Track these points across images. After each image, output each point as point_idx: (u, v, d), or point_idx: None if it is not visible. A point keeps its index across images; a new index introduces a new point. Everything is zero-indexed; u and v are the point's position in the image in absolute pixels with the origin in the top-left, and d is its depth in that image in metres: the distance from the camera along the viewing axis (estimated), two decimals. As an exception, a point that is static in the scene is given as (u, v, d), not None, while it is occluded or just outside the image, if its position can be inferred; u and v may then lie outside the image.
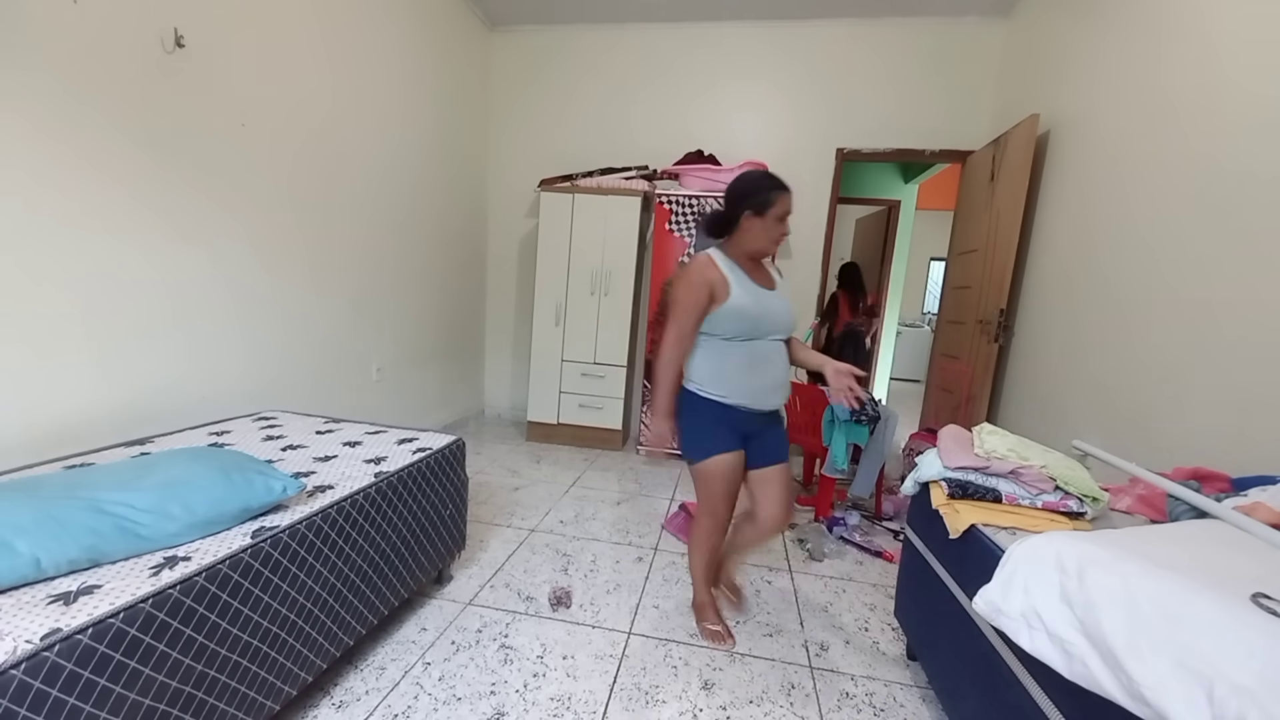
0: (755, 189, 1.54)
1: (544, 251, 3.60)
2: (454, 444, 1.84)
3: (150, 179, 1.79)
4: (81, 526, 0.97)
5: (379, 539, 1.49)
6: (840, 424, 2.50)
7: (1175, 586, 0.76)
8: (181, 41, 1.82)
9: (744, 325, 1.53)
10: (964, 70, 3.35)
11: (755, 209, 1.52)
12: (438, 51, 3.31)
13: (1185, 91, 1.88)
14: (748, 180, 1.57)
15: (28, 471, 1.35)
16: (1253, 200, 1.60)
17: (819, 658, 1.70)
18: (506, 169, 4.02)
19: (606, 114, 3.83)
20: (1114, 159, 2.20)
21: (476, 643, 1.67)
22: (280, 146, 2.28)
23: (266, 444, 1.69)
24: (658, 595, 1.99)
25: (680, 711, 1.46)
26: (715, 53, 3.63)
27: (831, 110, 3.55)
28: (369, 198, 2.83)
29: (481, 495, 2.75)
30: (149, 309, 1.83)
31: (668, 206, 3.39)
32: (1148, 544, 0.91)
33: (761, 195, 1.52)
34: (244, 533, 1.16)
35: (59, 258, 1.58)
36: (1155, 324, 1.91)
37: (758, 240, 1.56)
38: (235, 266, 2.12)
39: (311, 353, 2.55)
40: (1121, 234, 2.14)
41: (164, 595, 0.95)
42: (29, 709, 0.77)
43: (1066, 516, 1.20)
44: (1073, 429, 2.22)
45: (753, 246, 1.57)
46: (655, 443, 1.76)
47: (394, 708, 1.40)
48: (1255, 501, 1.11)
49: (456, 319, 3.84)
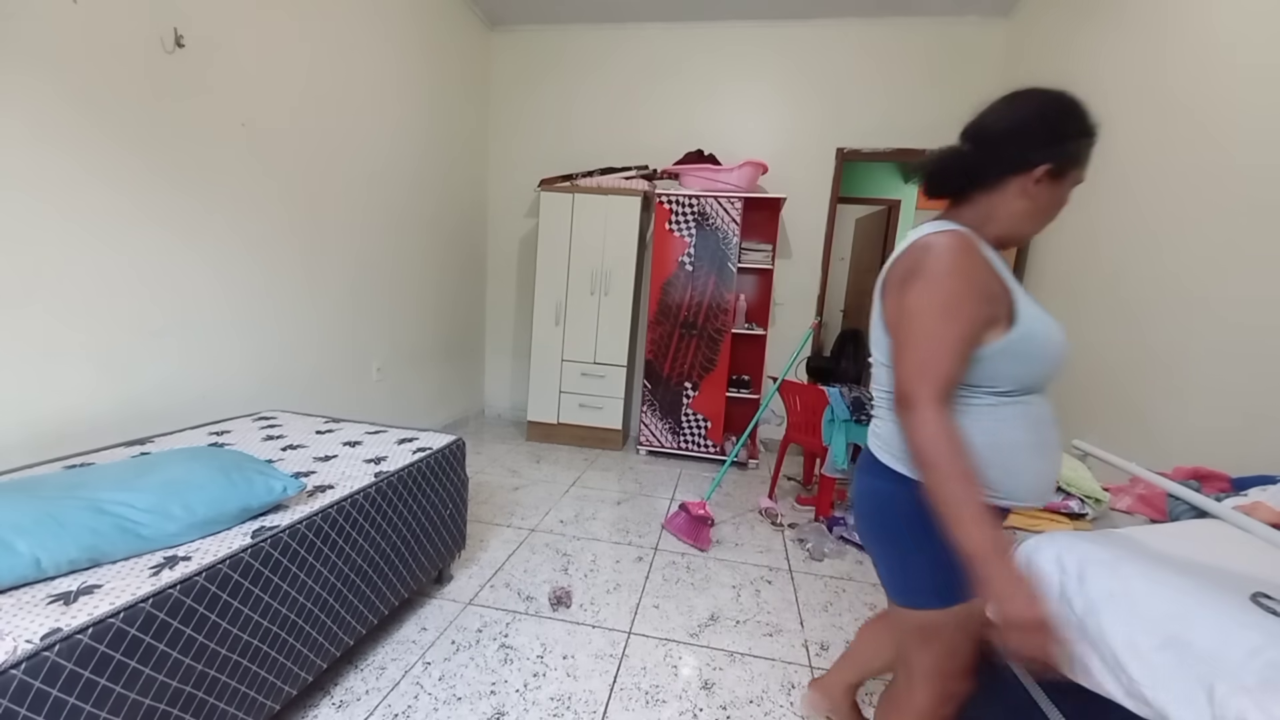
0: (1076, 125, 0.84)
1: (544, 251, 3.59)
2: (454, 444, 1.84)
3: (150, 179, 1.79)
4: (81, 526, 0.97)
5: (379, 539, 1.49)
6: (840, 424, 2.50)
7: (1175, 586, 0.76)
8: (181, 41, 1.82)
9: (1033, 369, 0.86)
10: (964, 70, 3.35)
11: (1062, 163, 0.84)
12: (438, 51, 3.30)
13: (1185, 90, 1.88)
14: (1059, 106, 0.84)
15: (28, 471, 1.35)
16: (1254, 198, 1.60)
17: (819, 657, 1.70)
18: (506, 168, 4.02)
19: (606, 114, 3.82)
20: (1114, 158, 2.20)
21: (477, 642, 1.67)
22: (280, 146, 2.27)
23: (266, 444, 1.69)
24: (658, 595, 1.99)
25: (680, 711, 1.46)
26: (716, 52, 3.63)
27: (831, 110, 3.54)
28: (369, 197, 2.83)
29: (481, 495, 2.75)
30: (149, 309, 1.82)
31: (668, 206, 3.39)
32: (1148, 544, 0.91)
33: (1081, 140, 0.84)
34: (244, 532, 1.16)
35: (59, 257, 1.58)
36: (1155, 323, 1.91)
37: (1034, 219, 0.89)
38: (235, 266, 2.12)
39: (311, 352, 2.55)
40: (1122, 233, 2.14)
41: (164, 595, 0.95)
42: (29, 709, 0.77)
43: (1067, 517, 1.20)
44: (1073, 428, 2.22)
45: (1021, 229, 0.90)
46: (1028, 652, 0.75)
47: (394, 707, 1.40)
48: (1255, 501, 1.11)
49: (456, 318, 3.84)
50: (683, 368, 3.49)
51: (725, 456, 3.46)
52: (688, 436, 3.55)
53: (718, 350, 3.43)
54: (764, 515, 2.72)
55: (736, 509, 2.80)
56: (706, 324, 3.42)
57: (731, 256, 3.34)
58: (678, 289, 3.44)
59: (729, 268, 3.35)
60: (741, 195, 3.29)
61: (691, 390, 3.50)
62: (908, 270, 0.86)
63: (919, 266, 0.84)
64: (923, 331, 0.82)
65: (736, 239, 3.32)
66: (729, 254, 3.35)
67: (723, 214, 3.32)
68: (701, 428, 3.52)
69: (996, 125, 0.88)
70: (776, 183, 3.51)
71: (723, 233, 3.34)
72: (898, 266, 0.89)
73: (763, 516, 2.72)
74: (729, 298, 3.37)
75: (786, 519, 2.69)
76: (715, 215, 3.33)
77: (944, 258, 0.83)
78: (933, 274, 0.82)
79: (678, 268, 3.42)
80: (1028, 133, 0.84)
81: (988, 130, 0.89)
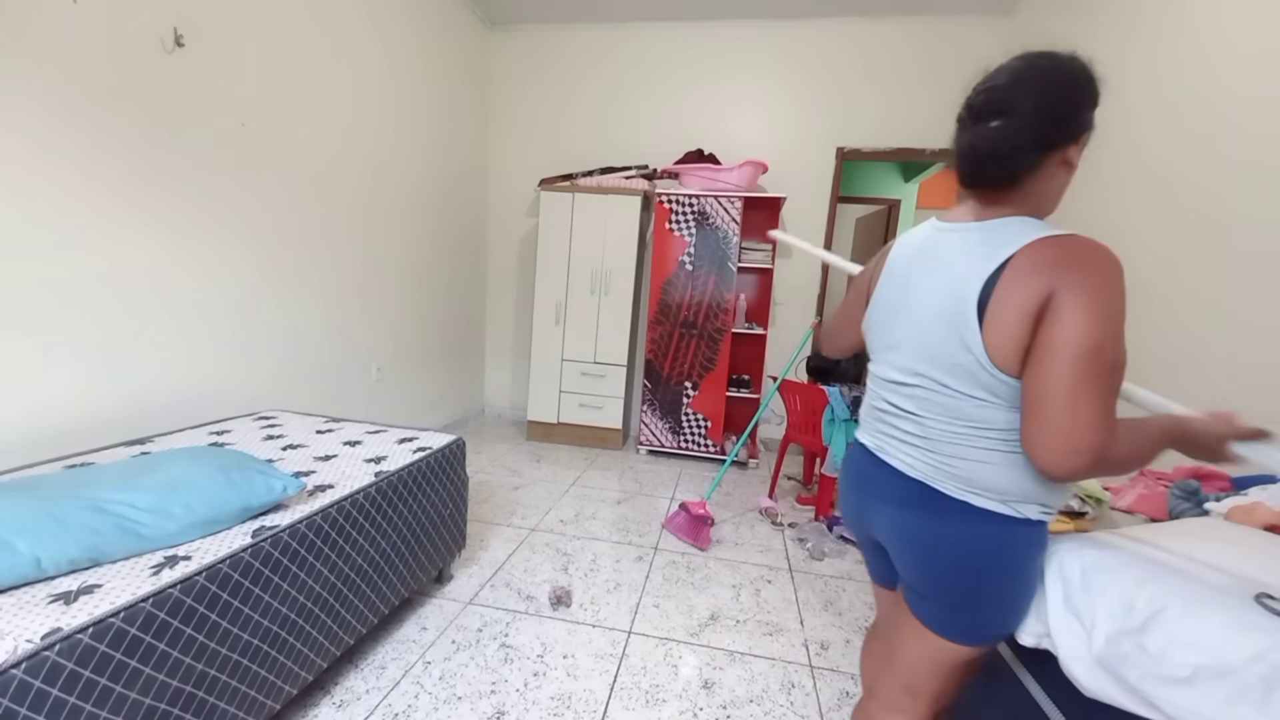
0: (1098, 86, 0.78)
1: (544, 251, 3.59)
2: (454, 443, 1.84)
3: (150, 179, 1.79)
4: (82, 526, 0.97)
5: (379, 538, 1.49)
6: (840, 423, 2.50)
7: (1179, 589, 0.76)
8: (181, 41, 1.81)
9: None
10: (965, 69, 3.27)
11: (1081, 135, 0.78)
12: (437, 51, 3.30)
13: (1186, 89, 1.88)
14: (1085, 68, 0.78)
15: (28, 471, 1.35)
16: (1255, 196, 1.60)
17: (819, 657, 1.70)
18: (506, 168, 4.02)
19: (606, 113, 3.82)
20: (1114, 157, 2.20)
21: (477, 642, 1.67)
22: (280, 146, 2.27)
23: (267, 443, 1.69)
24: (658, 594, 1.99)
25: (680, 711, 1.46)
26: (715, 51, 3.63)
27: (831, 109, 3.54)
28: (368, 196, 2.83)
29: (482, 494, 2.75)
30: (149, 308, 1.82)
31: (668, 206, 3.39)
32: (1149, 545, 0.91)
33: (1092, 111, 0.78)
34: (244, 532, 1.16)
35: (58, 257, 1.58)
36: (1156, 322, 1.91)
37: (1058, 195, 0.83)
38: (235, 266, 2.12)
39: (311, 352, 2.55)
40: (1122, 232, 2.13)
41: (164, 594, 0.95)
42: (29, 709, 0.77)
43: (1068, 516, 1.20)
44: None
45: (1055, 206, 0.84)
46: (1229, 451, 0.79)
47: (394, 707, 1.40)
48: (1255, 501, 1.11)
49: (456, 318, 3.84)
50: (683, 367, 3.49)
51: (725, 456, 3.46)
52: (688, 436, 3.55)
53: (718, 350, 3.43)
54: (764, 515, 2.72)
55: (736, 508, 2.80)
56: (706, 323, 3.42)
57: (731, 256, 3.34)
58: (678, 288, 3.44)
59: (729, 267, 3.35)
60: (741, 195, 3.29)
61: (691, 390, 3.50)
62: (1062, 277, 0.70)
63: (1088, 278, 0.69)
64: (1106, 380, 0.69)
65: (736, 238, 3.32)
66: (729, 253, 3.34)
67: (723, 213, 3.32)
68: (701, 427, 3.52)
69: (1052, 90, 0.76)
70: (776, 182, 3.50)
71: (723, 232, 3.34)
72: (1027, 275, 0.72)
73: (763, 516, 2.72)
74: (729, 297, 3.37)
75: (787, 518, 2.69)
76: (715, 215, 3.33)
77: (1115, 286, 0.69)
78: (1113, 309, 0.69)
79: (678, 267, 3.42)
80: (1077, 98, 0.76)
81: (1035, 100, 0.75)
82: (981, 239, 0.79)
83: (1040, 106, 0.75)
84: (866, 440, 0.99)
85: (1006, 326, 0.73)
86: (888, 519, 0.92)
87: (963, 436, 0.81)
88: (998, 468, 0.79)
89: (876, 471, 0.94)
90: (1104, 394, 0.69)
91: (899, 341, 0.89)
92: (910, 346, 0.87)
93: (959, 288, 0.78)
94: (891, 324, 0.91)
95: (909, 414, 0.88)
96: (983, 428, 0.79)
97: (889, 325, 0.92)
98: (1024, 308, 0.72)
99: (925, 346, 0.84)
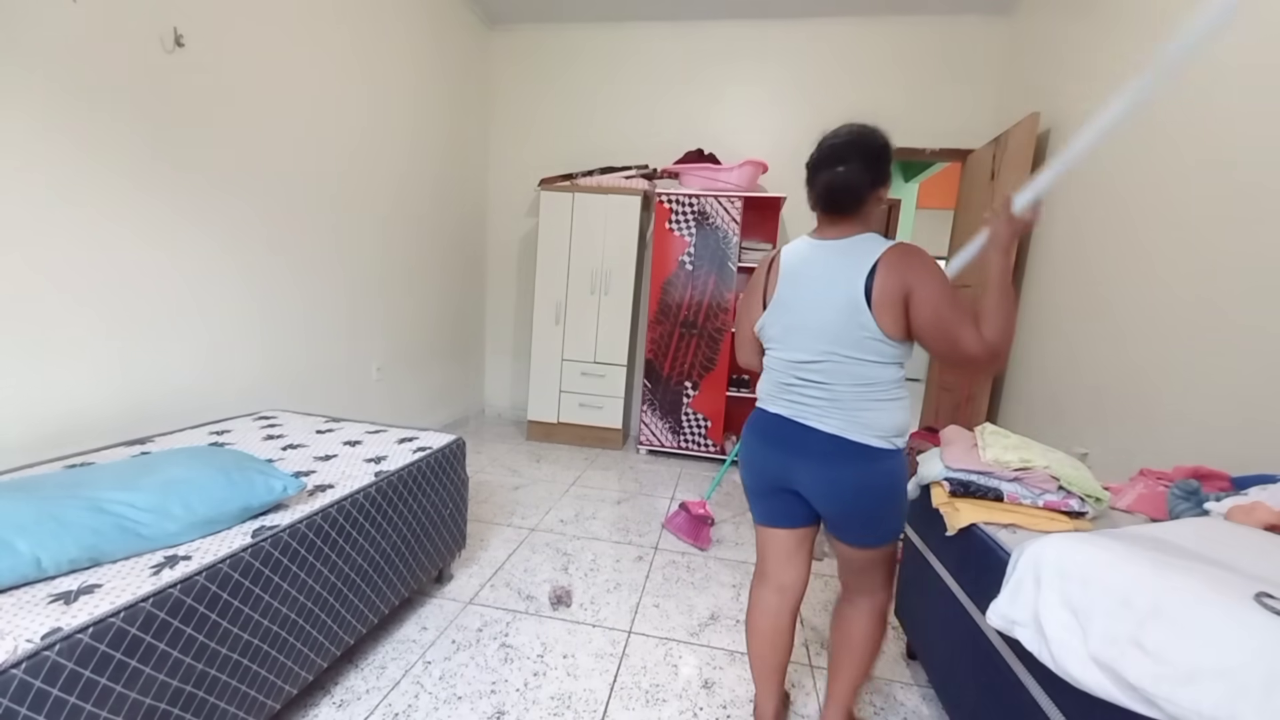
0: (890, 154, 1.19)
1: (544, 250, 3.59)
2: (454, 443, 1.84)
3: (150, 179, 1.79)
4: (82, 526, 0.97)
5: (379, 538, 1.49)
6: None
7: (1179, 588, 0.76)
8: (181, 41, 1.81)
9: None
10: (964, 69, 3.34)
11: (888, 181, 1.20)
12: (437, 50, 3.30)
13: (1185, 89, 1.88)
14: (885, 139, 1.17)
15: (28, 471, 1.35)
16: (1254, 197, 1.60)
17: (819, 656, 1.70)
18: (506, 168, 4.02)
19: (606, 113, 3.82)
20: (1115, 157, 2.20)
21: (477, 642, 1.67)
22: (279, 146, 2.27)
23: (267, 443, 1.69)
24: (658, 594, 1.99)
25: (680, 710, 1.46)
26: (716, 51, 3.63)
27: (831, 109, 3.53)
28: (368, 196, 2.83)
29: (482, 494, 2.75)
30: (149, 308, 1.82)
31: (668, 205, 3.39)
32: (1149, 545, 0.91)
33: (889, 167, 1.21)
34: (244, 532, 1.16)
35: (58, 257, 1.58)
36: (1156, 322, 1.91)
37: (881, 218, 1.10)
38: (235, 266, 2.12)
39: (311, 352, 2.55)
40: (1122, 231, 2.13)
41: (165, 594, 0.95)
42: (30, 708, 0.77)
43: (1067, 516, 1.20)
44: (1073, 426, 2.22)
45: (881, 227, 1.32)
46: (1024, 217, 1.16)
47: (394, 706, 1.40)
48: (1255, 501, 1.11)
49: (456, 318, 3.84)
50: (683, 367, 3.49)
51: (725, 456, 3.46)
52: (688, 436, 3.55)
53: (718, 349, 3.43)
54: (764, 514, 2.72)
55: (737, 508, 2.80)
56: (707, 323, 3.42)
57: (731, 256, 3.34)
58: (678, 288, 3.44)
59: (729, 267, 3.35)
60: (741, 194, 3.29)
61: (692, 389, 3.50)
62: (908, 270, 1.06)
63: (921, 266, 1.07)
64: (961, 303, 1.07)
65: (736, 238, 3.32)
66: (729, 253, 3.34)
67: (723, 213, 3.32)
68: (702, 427, 3.52)
69: (872, 149, 1.12)
70: (776, 182, 3.50)
71: (723, 232, 3.34)
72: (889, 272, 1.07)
73: (763, 516, 2.72)
74: (729, 297, 3.37)
75: (786, 518, 2.68)
76: (715, 214, 3.33)
77: (932, 261, 1.09)
78: (939, 271, 1.08)
79: (678, 267, 3.42)
80: (885, 155, 1.14)
81: (872, 152, 1.12)
82: (850, 250, 1.11)
83: (865, 158, 1.11)
84: (781, 410, 1.21)
85: (890, 306, 1.06)
86: (812, 470, 1.16)
87: (862, 391, 1.11)
88: (885, 412, 1.12)
89: (798, 433, 1.16)
90: (964, 308, 1.06)
91: (803, 329, 1.15)
92: (814, 331, 1.13)
93: (849, 287, 1.08)
94: (793, 316, 1.17)
95: (819, 384, 1.14)
96: (875, 384, 1.11)
97: (791, 317, 1.18)
98: (895, 292, 1.05)
99: (828, 329, 1.11)
